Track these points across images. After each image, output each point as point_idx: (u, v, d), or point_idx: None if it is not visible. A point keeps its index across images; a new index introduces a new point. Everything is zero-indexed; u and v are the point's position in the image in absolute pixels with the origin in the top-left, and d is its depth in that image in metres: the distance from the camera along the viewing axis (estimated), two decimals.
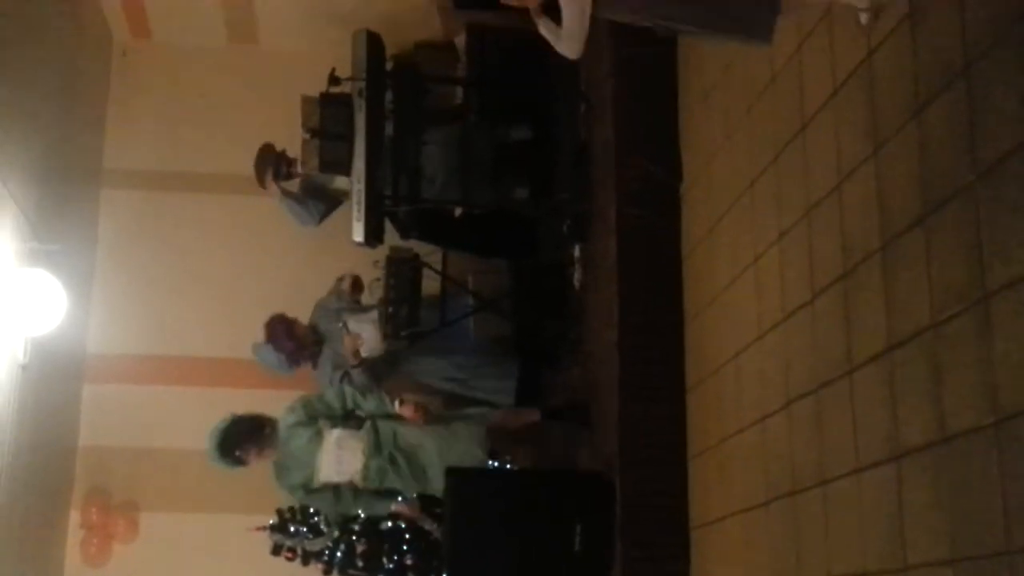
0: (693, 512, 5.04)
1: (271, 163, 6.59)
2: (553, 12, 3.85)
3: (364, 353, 6.21)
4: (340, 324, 6.31)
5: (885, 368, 3.40)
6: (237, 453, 5.55)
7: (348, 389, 5.88)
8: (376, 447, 5.66)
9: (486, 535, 5.31)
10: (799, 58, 4.15)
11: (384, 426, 5.70)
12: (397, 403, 5.75)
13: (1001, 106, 2.85)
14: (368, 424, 5.69)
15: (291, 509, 6.34)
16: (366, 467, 5.64)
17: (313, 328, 6.44)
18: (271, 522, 6.36)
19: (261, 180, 6.63)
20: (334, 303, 6.48)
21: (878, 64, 3.54)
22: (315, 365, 6.43)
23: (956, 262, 3.02)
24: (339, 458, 5.64)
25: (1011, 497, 2.76)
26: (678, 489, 5.07)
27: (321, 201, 6.66)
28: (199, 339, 7.22)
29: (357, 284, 6.55)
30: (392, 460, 5.66)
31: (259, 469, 5.68)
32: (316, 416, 5.72)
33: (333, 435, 5.66)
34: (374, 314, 6.32)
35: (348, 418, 5.75)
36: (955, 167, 3.06)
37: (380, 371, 6.29)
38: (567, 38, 3.79)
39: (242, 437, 5.55)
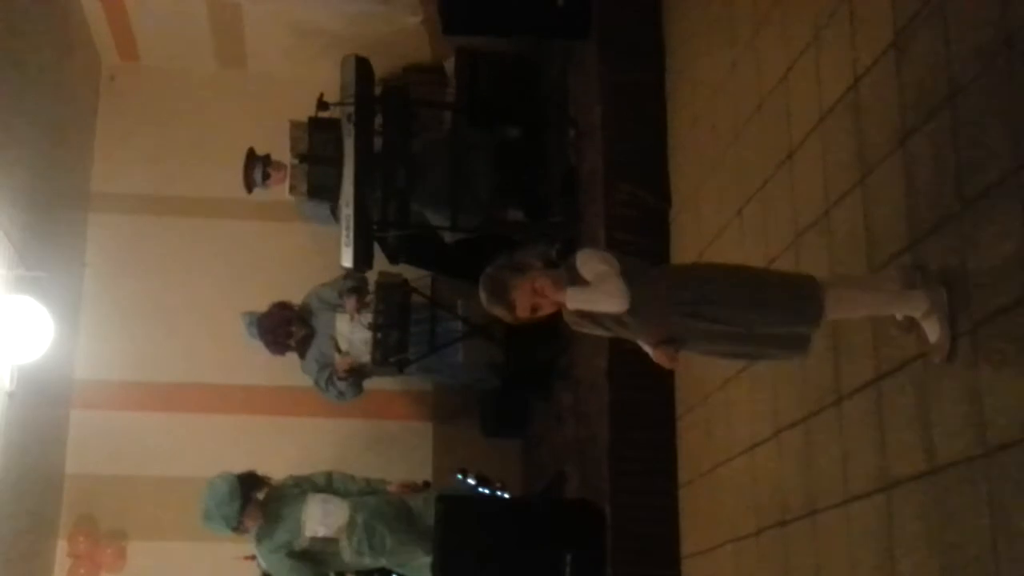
0: (684, 541, 5.01)
1: (258, 165, 6.55)
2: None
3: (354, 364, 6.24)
4: (330, 333, 6.29)
5: (873, 398, 3.39)
6: (244, 508, 5.55)
7: (337, 473, 5.95)
8: (366, 506, 5.69)
9: (476, 563, 5.28)
10: (786, 86, 4.15)
11: (371, 497, 5.80)
12: (389, 487, 5.89)
13: (986, 136, 2.85)
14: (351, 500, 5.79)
15: None
16: (352, 522, 5.62)
17: (303, 315, 6.39)
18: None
19: (248, 185, 6.59)
20: (333, 298, 6.43)
21: (864, 93, 3.53)
22: (302, 355, 6.43)
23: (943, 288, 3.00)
24: (325, 510, 5.66)
25: (1000, 529, 2.75)
26: (668, 518, 5.04)
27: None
28: (187, 365, 7.17)
29: (361, 297, 6.48)
30: (378, 518, 5.67)
31: None
32: (302, 484, 5.80)
33: (318, 495, 5.76)
34: (368, 317, 6.29)
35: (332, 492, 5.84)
36: (941, 196, 3.05)
37: (365, 374, 6.31)
38: (605, 297, 3.12)
39: (248, 493, 5.58)
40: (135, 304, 7.20)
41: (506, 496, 6.16)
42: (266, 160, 6.57)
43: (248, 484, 5.65)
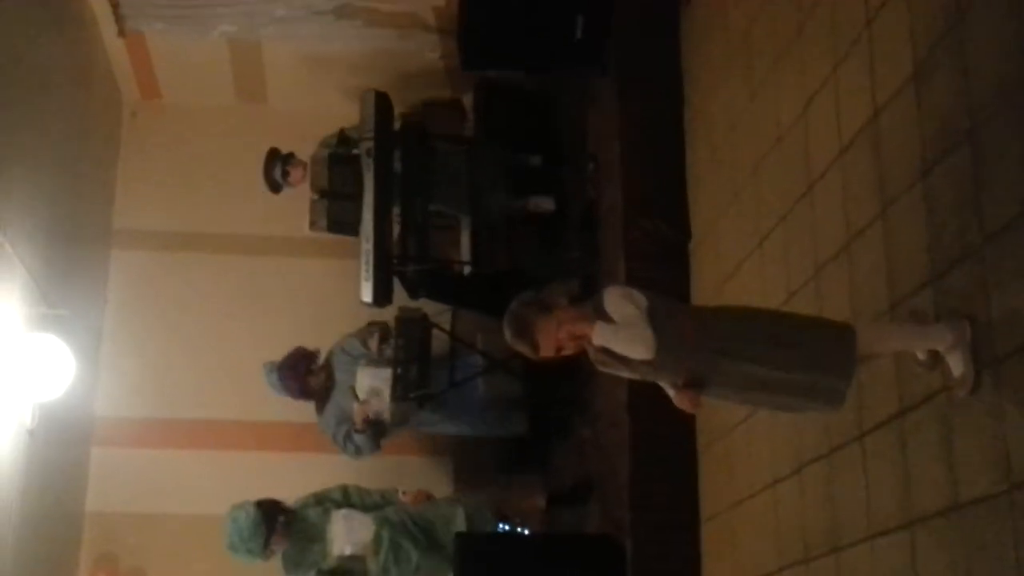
0: None
1: (277, 164, 6.54)
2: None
3: (371, 416, 6.17)
4: (352, 379, 6.25)
5: (896, 433, 3.35)
6: (269, 538, 5.53)
7: (352, 487, 5.96)
8: (388, 522, 5.67)
9: None
10: (805, 119, 4.14)
11: (390, 510, 5.80)
12: (401, 493, 5.88)
13: (1007, 170, 2.82)
14: (373, 514, 5.78)
15: None
16: (378, 536, 5.61)
17: (327, 368, 6.36)
18: None
19: (272, 185, 6.57)
20: (356, 349, 6.40)
21: (884, 125, 3.52)
22: (319, 410, 6.35)
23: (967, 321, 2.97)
24: (349, 527, 5.64)
25: None
26: (690, 554, 4.99)
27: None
28: (208, 402, 7.17)
29: (385, 338, 6.47)
30: (403, 534, 5.66)
31: None
32: (323, 501, 5.80)
33: (341, 511, 5.75)
34: (388, 372, 6.25)
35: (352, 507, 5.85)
36: (962, 230, 3.03)
37: (383, 431, 6.25)
38: (631, 342, 3.04)
39: (271, 523, 5.57)
40: (156, 341, 7.22)
41: (526, 532, 6.12)
42: (286, 159, 6.57)
43: (270, 513, 5.62)
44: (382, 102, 6.28)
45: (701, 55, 5.44)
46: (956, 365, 2.98)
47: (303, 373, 6.25)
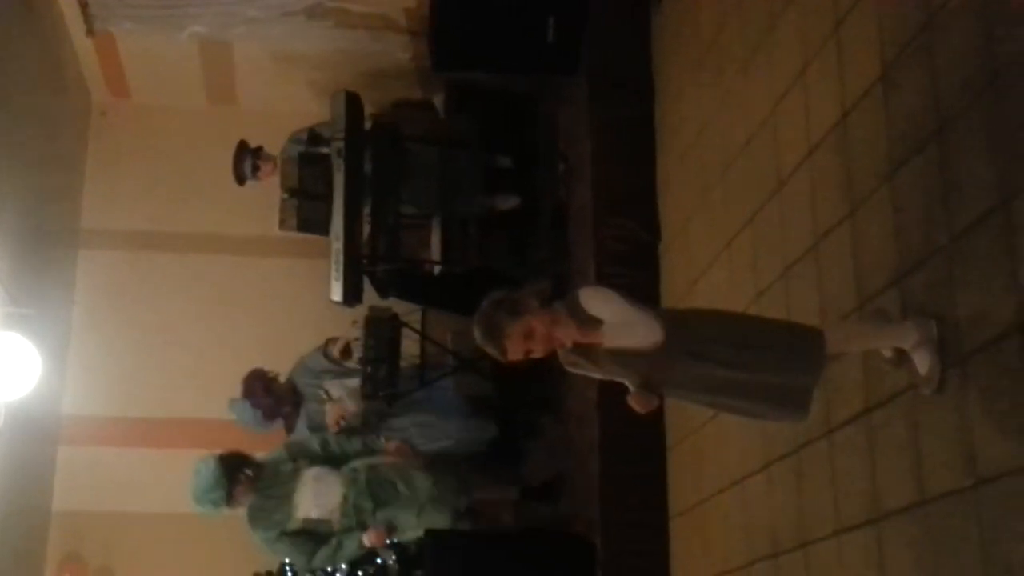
0: (675, 574, 4.99)
1: (247, 157, 6.51)
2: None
3: (346, 416, 6.16)
4: (320, 390, 6.25)
5: (863, 429, 3.39)
6: (232, 491, 5.46)
7: (333, 437, 5.91)
8: (355, 483, 5.59)
9: None
10: (775, 120, 4.18)
11: (364, 464, 5.69)
12: (383, 439, 5.80)
13: (973, 169, 2.87)
14: (349, 466, 5.67)
15: (268, 573, 6.24)
16: (345, 501, 5.56)
17: (291, 386, 6.36)
18: None
19: (239, 177, 6.53)
20: (318, 363, 6.39)
21: (853, 127, 3.56)
22: (289, 429, 6.33)
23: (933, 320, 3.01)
24: (318, 490, 5.57)
25: (990, 560, 2.74)
26: (659, 551, 5.02)
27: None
28: (176, 400, 7.14)
29: (347, 350, 6.47)
30: (376, 493, 5.59)
31: (238, 529, 5.61)
32: (296, 456, 5.71)
33: (312, 471, 5.65)
34: (356, 381, 6.25)
35: (328, 462, 5.73)
36: (929, 229, 3.07)
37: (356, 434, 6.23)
38: (643, 329, 3.04)
39: (234, 475, 5.49)
40: (123, 340, 7.18)
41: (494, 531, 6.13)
42: (256, 152, 6.55)
43: (233, 465, 5.55)
44: (353, 102, 6.28)
45: (672, 57, 5.48)
46: (922, 363, 3.02)
47: (266, 387, 6.22)
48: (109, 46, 7.16)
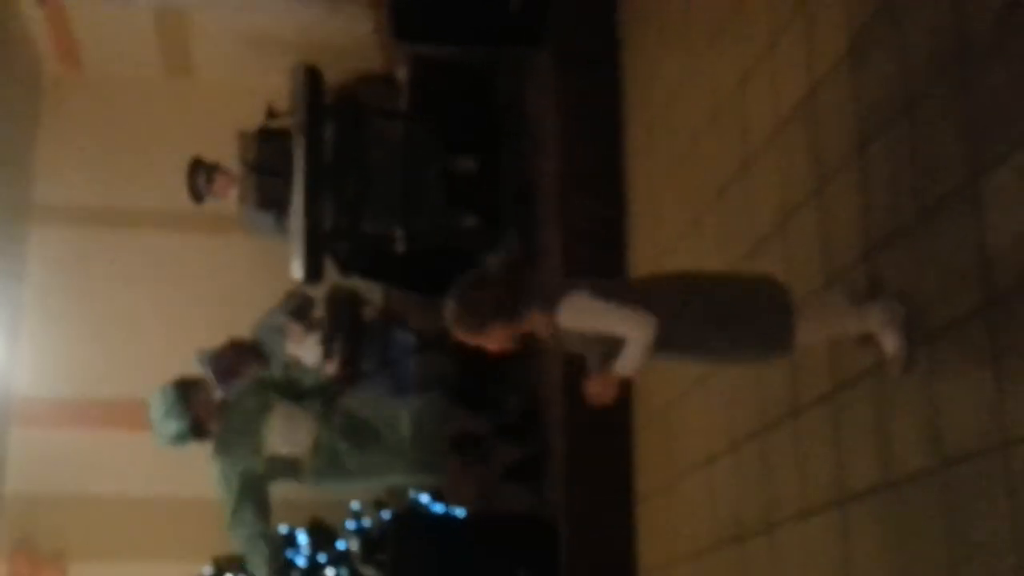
0: (641, 557, 4.94)
1: (201, 173, 6.37)
2: None
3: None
4: (284, 364, 6.12)
5: (830, 410, 3.33)
6: (194, 414, 5.22)
7: (293, 366, 5.81)
8: (327, 423, 5.42)
9: None
10: (743, 93, 4.10)
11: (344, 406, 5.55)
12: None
13: (942, 145, 2.80)
14: (320, 402, 5.52)
15: (227, 558, 6.13)
16: (317, 440, 5.38)
17: (257, 347, 6.19)
18: (206, 571, 6.15)
19: (194, 195, 6.38)
20: (277, 317, 6.23)
21: (821, 101, 3.48)
22: None
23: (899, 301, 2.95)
24: (289, 427, 5.33)
25: (956, 541, 2.71)
26: (626, 532, 4.96)
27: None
28: (130, 381, 6.95)
29: (308, 303, 6.30)
30: (341, 438, 5.42)
31: (199, 509, 5.46)
32: (267, 387, 5.52)
33: (283, 407, 5.43)
34: (318, 335, 6.12)
35: (290, 391, 5.56)
36: (897, 206, 3.00)
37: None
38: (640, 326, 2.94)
39: (192, 397, 5.27)
40: (77, 319, 7.04)
41: (460, 513, 6.05)
42: (211, 168, 6.39)
43: (187, 389, 5.30)
44: (312, 76, 6.13)
45: (639, 29, 5.39)
46: (888, 344, 2.96)
47: (231, 377, 6.05)
48: (59, 16, 6.99)
